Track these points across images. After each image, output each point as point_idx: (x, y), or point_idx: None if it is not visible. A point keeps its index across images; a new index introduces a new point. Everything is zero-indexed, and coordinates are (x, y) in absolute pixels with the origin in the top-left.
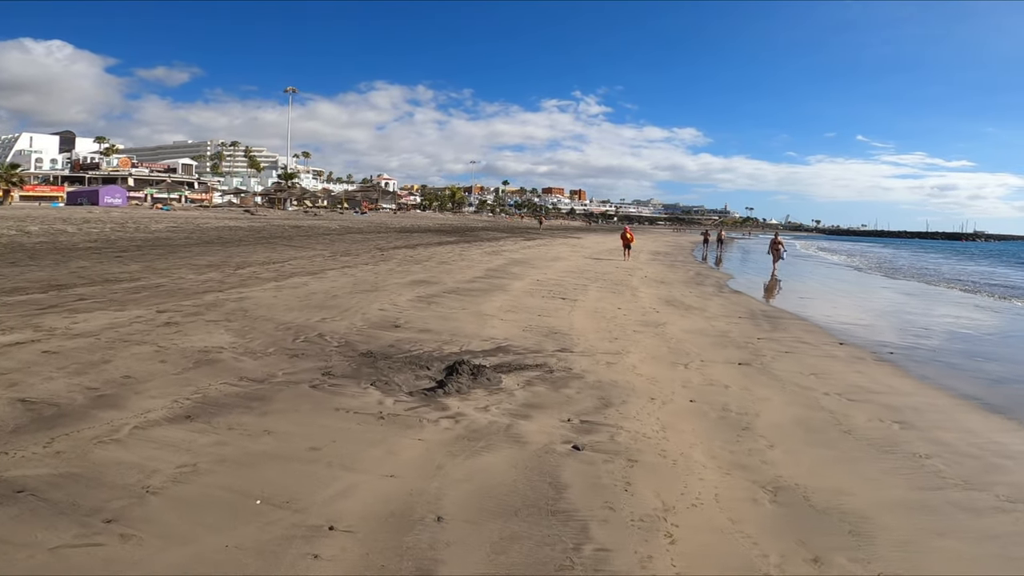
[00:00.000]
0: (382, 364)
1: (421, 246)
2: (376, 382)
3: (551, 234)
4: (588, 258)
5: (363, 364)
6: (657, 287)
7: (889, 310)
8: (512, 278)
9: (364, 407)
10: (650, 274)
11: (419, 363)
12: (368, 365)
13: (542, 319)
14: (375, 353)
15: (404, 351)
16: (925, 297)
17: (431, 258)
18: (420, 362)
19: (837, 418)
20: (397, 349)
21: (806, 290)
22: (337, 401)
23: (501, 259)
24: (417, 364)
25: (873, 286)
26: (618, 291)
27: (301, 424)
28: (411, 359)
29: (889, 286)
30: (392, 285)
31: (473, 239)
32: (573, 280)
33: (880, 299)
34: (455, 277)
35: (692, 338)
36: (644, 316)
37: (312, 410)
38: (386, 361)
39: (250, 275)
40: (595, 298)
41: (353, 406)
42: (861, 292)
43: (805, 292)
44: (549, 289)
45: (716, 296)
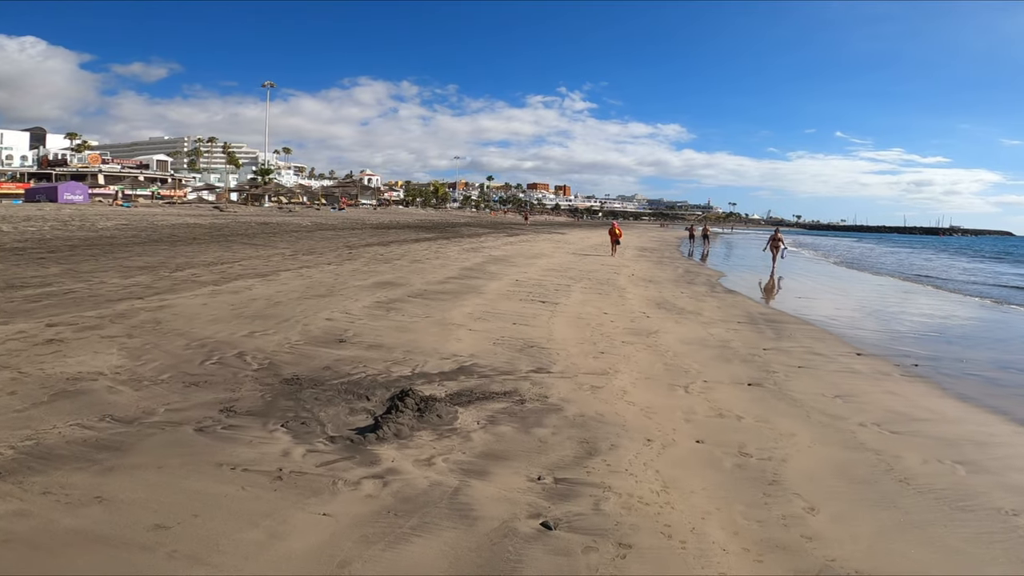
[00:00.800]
0: (307, 394)
1: (395, 243)
2: (291, 422)
3: (535, 230)
4: (572, 255)
5: (282, 395)
6: (646, 287)
7: (894, 311)
8: (489, 278)
9: (260, 460)
10: (638, 272)
11: (357, 392)
12: (289, 396)
13: (517, 328)
14: (303, 379)
15: (342, 375)
16: (926, 296)
17: (403, 256)
18: (359, 390)
19: (886, 460)
20: (333, 372)
21: (802, 289)
22: (225, 452)
23: (479, 257)
24: (354, 393)
25: (868, 283)
26: (604, 292)
27: (156, 488)
28: (348, 386)
29: (884, 284)
30: (351, 288)
31: (453, 235)
32: (555, 280)
33: (879, 298)
34: (425, 278)
35: (690, 350)
36: (634, 322)
37: (182, 465)
38: (314, 390)
39: (187, 278)
40: (579, 301)
41: (245, 459)
42: (859, 290)
43: (801, 291)
44: (528, 291)
45: (710, 297)
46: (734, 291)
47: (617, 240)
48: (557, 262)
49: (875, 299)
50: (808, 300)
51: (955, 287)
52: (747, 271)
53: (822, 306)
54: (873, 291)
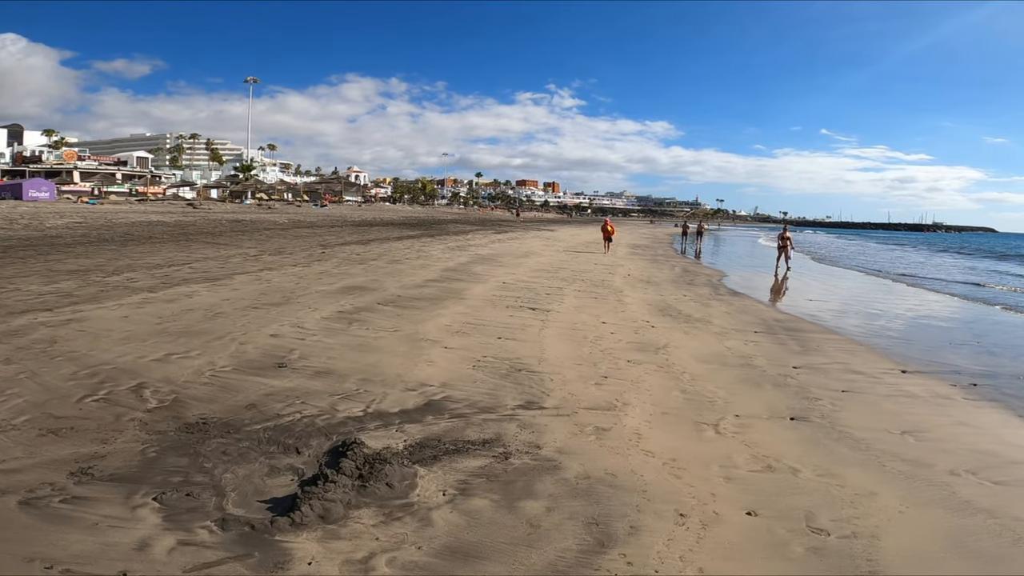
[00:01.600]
0: (212, 447)
1: (376, 241)
2: (170, 492)
3: (524, 227)
4: (563, 253)
5: (175, 448)
6: (645, 289)
7: (915, 316)
8: (473, 280)
9: (97, 556)
10: (633, 272)
11: (285, 441)
12: (184, 449)
13: (503, 345)
14: (212, 423)
15: (269, 416)
16: (939, 298)
17: (381, 256)
18: (288, 439)
19: (1008, 526)
20: (258, 413)
21: (809, 290)
22: (49, 539)
23: (464, 256)
24: (280, 443)
25: (873, 283)
26: (600, 296)
27: None
28: (274, 433)
29: (885, 285)
30: (312, 295)
31: (438, 233)
32: (546, 282)
33: (892, 300)
34: (402, 281)
35: (709, 371)
36: (637, 334)
37: None
38: (225, 439)
39: (120, 284)
40: (573, 307)
41: (74, 554)
42: (867, 291)
43: (809, 292)
44: (517, 295)
45: (715, 301)
46: (740, 293)
47: (610, 237)
48: (547, 261)
49: (889, 301)
50: (820, 303)
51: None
52: (747, 270)
53: (837, 310)
54: (881, 292)
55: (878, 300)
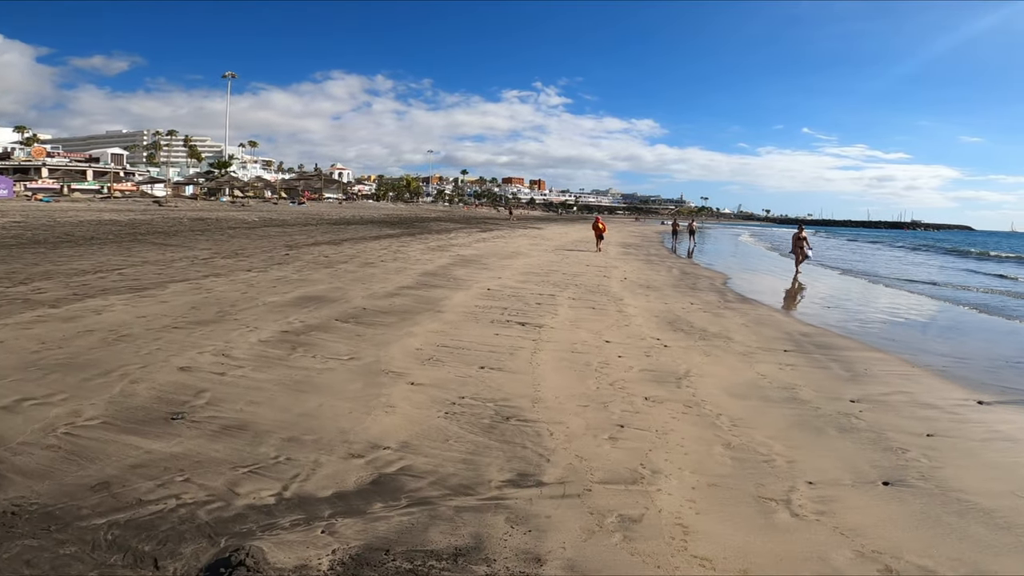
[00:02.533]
0: (11, 554)
1: (350, 241)
2: None
3: (510, 225)
4: (552, 253)
5: None
6: (646, 295)
7: (941, 323)
8: (454, 287)
9: None
10: (630, 274)
11: (138, 548)
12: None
13: (486, 378)
14: (26, 513)
15: (125, 503)
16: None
17: (353, 258)
18: (145, 543)
19: None
20: (110, 498)
21: (819, 293)
22: None
23: (446, 257)
24: (131, 552)
25: (878, 288)
26: (599, 305)
27: None
28: (124, 533)
29: (899, 291)
30: (257, 308)
31: (420, 232)
32: (536, 288)
33: (909, 305)
34: (371, 288)
35: (750, 410)
36: (650, 357)
37: None
38: (38, 541)
39: (20, 296)
40: (569, 320)
41: None
42: (879, 295)
43: (821, 297)
44: (503, 305)
45: (726, 309)
46: (750, 299)
47: (601, 235)
48: (536, 263)
49: (911, 308)
50: (841, 310)
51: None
52: (747, 271)
53: (863, 319)
54: (901, 298)
55: (899, 307)
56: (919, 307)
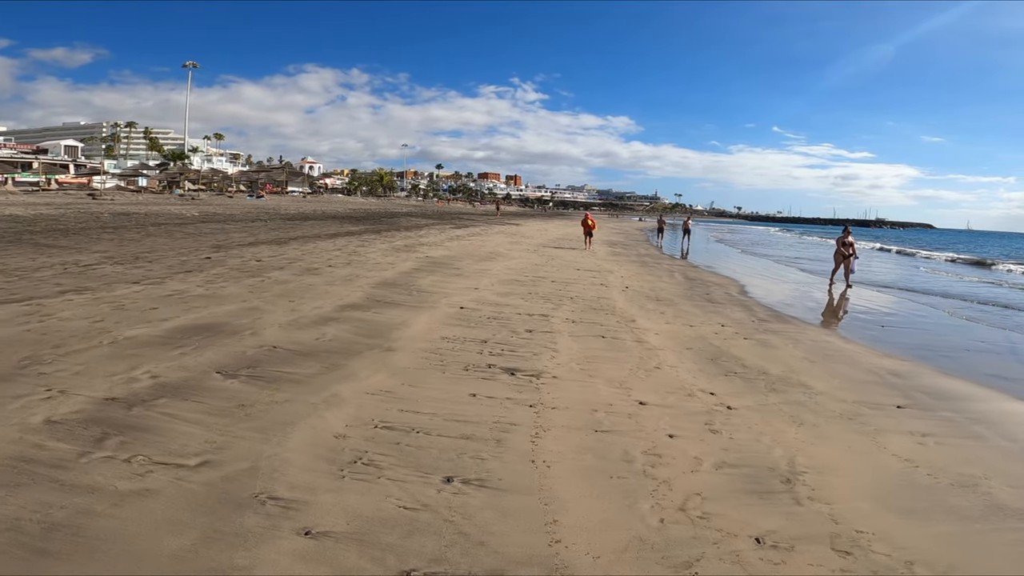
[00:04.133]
0: None
1: (300, 240)
2: None
3: (487, 221)
4: (534, 252)
5: None
6: (661, 312)
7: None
8: (416, 304)
9: None
10: (630, 281)
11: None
12: None
13: (456, 506)
14: None
15: None
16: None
17: (294, 263)
18: None
19: None
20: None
21: (861, 308)
22: None
23: (411, 260)
24: None
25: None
26: (608, 330)
27: None
28: None
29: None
30: (96, 350)
31: (386, 228)
32: (523, 302)
33: (969, 324)
34: (299, 309)
35: (955, 546)
36: (717, 432)
37: None
38: None
39: None
40: (576, 360)
41: None
42: (925, 312)
43: (867, 314)
44: (482, 336)
45: (768, 333)
46: (785, 315)
47: (590, 232)
48: (519, 266)
49: (984, 332)
50: (912, 335)
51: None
52: (757, 275)
53: (944, 346)
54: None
55: (965, 328)
56: (984, 325)
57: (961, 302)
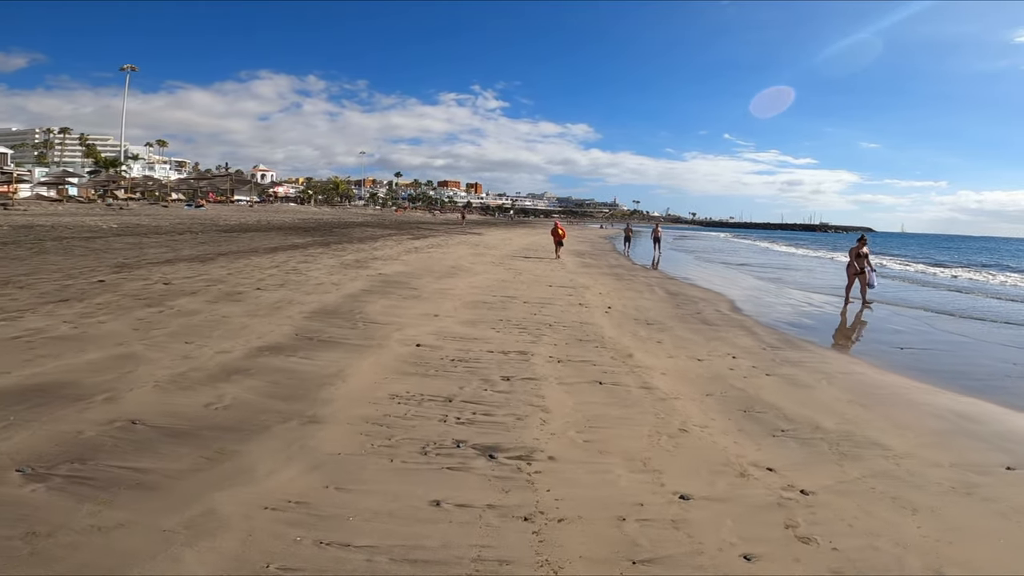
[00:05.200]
0: None
1: (232, 256)
2: None
3: (447, 231)
4: (500, 265)
5: None
6: (657, 340)
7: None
8: (359, 343)
9: None
10: (611, 298)
11: None
12: None
13: None
14: None
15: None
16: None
17: (213, 285)
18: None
19: None
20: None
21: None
22: None
23: (361, 279)
24: None
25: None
26: (605, 373)
27: None
28: None
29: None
30: None
31: (339, 239)
32: (495, 334)
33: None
34: (195, 356)
35: None
36: (803, 535)
37: None
38: None
39: None
40: (574, 423)
41: None
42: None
43: (888, 337)
44: (445, 390)
45: (788, 364)
46: (794, 338)
47: (560, 242)
48: (485, 283)
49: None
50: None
51: None
52: (737, 287)
53: (981, 374)
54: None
55: (980, 348)
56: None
57: (949, 317)
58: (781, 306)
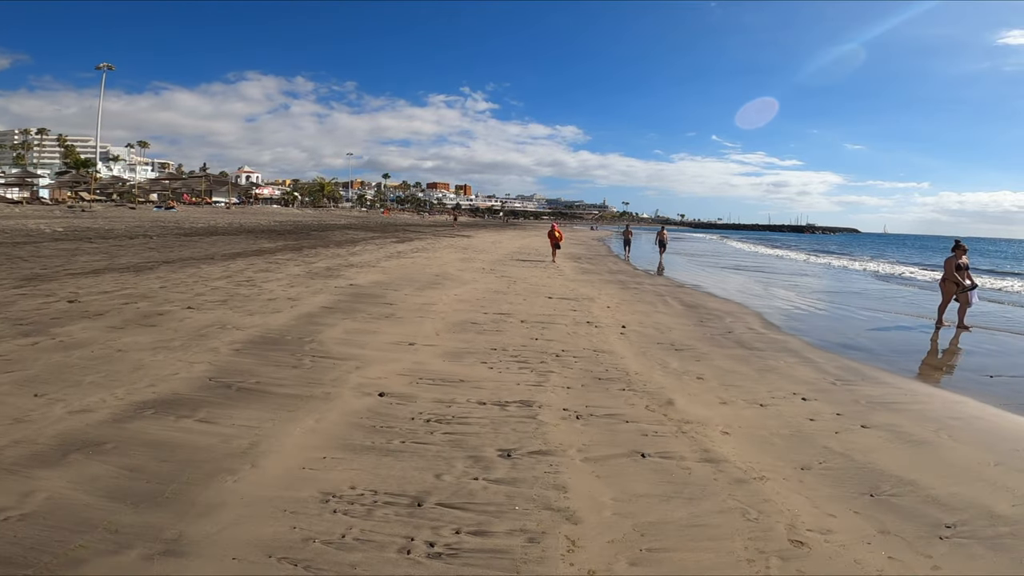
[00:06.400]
0: None
1: (181, 263)
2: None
3: (434, 233)
4: (492, 272)
5: None
6: (702, 379)
7: None
8: (295, 395)
9: None
10: (622, 313)
11: None
12: None
13: None
14: None
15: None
16: None
17: (138, 301)
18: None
19: None
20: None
21: (976, 356)
22: None
23: (326, 292)
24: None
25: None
26: (647, 439)
27: None
28: None
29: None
30: None
31: (315, 243)
32: (488, 371)
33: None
34: (33, 420)
35: None
36: None
37: None
38: None
39: None
40: (622, 547)
41: None
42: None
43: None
44: (417, 484)
45: (894, 413)
46: (870, 367)
47: (557, 244)
48: (474, 294)
49: None
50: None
51: None
52: (754, 296)
53: None
54: None
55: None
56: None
57: (1009, 335)
58: (817, 319)
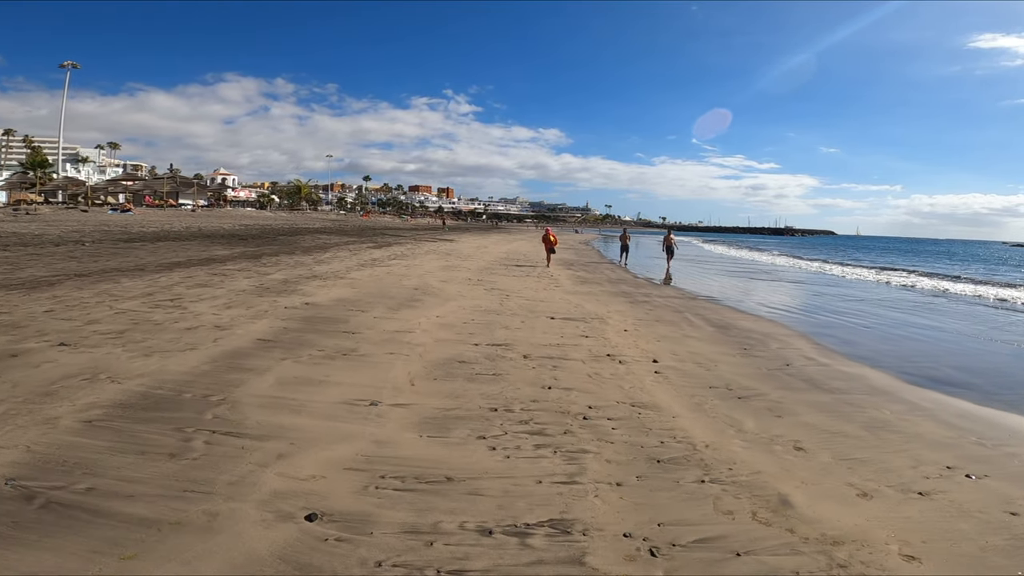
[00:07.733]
0: None
1: (99, 275)
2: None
3: (414, 236)
4: (479, 284)
5: None
6: (801, 446)
7: None
8: (141, 524)
9: None
10: (643, 338)
11: None
12: None
13: None
14: None
15: None
16: None
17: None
18: None
19: None
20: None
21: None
22: None
23: (271, 315)
24: None
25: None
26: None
27: None
28: None
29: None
30: None
31: (279, 249)
32: (491, 457)
33: None
34: None
35: None
36: None
37: None
38: None
39: None
40: None
41: None
42: None
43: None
44: None
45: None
46: (1014, 414)
47: (552, 249)
48: (462, 314)
49: None
50: None
51: None
52: (783, 308)
53: None
54: None
55: None
56: None
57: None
58: (870, 340)
